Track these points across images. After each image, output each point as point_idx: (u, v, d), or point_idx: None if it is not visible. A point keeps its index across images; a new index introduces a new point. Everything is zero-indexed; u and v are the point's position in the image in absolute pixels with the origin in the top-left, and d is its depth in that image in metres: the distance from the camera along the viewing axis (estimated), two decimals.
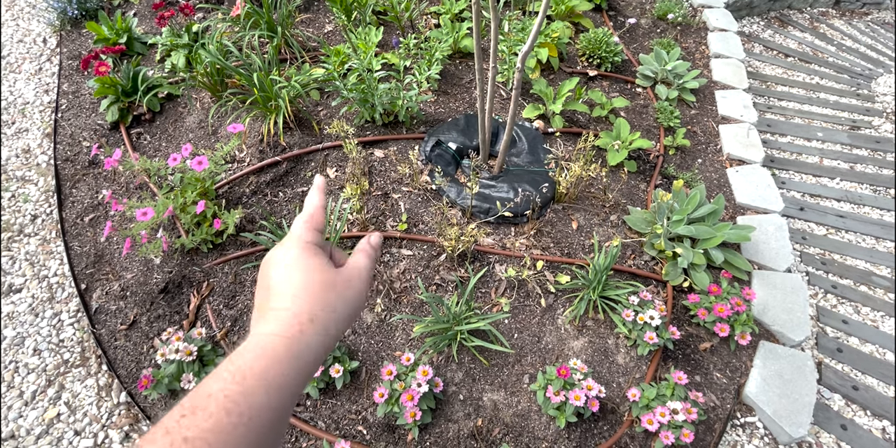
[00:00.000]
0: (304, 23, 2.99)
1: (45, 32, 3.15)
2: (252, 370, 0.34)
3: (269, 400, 0.34)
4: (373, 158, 2.32)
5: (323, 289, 0.42)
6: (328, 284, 0.43)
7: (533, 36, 1.64)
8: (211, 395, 0.33)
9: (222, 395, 0.33)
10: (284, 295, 0.41)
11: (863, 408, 1.90)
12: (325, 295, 0.42)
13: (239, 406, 0.33)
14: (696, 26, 3.46)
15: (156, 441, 0.31)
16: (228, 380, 0.34)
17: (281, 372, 0.35)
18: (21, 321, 1.94)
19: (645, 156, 2.53)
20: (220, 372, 0.34)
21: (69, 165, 2.41)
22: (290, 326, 0.38)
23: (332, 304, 0.42)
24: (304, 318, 0.39)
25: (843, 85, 3.40)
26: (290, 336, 0.38)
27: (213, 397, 0.33)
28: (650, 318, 1.77)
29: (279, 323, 0.38)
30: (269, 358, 0.35)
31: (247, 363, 0.35)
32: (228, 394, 0.33)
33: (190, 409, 0.32)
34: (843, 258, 2.40)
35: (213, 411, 0.32)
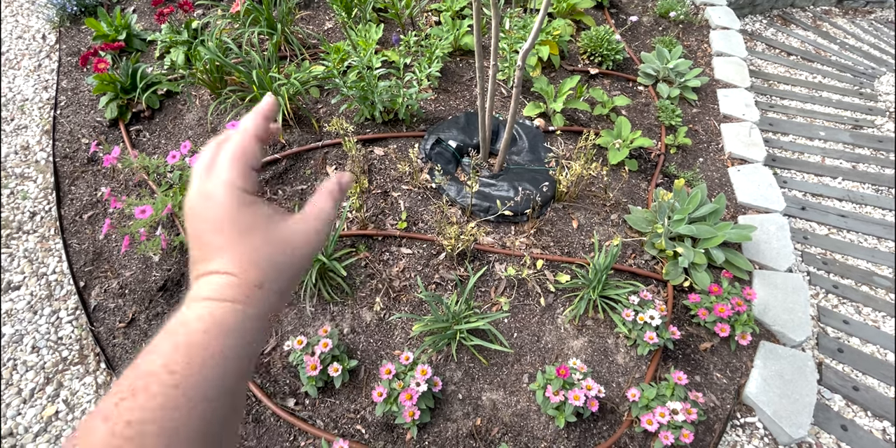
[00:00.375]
0: (303, 20, 2.97)
1: (45, 29, 3.14)
2: (197, 341, 0.31)
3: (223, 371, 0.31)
4: (372, 156, 2.31)
5: (273, 249, 0.36)
6: (279, 242, 0.36)
7: (534, 33, 1.63)
8: (152, 374, 0.29)
9: (167, 372, 0.29)
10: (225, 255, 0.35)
11: (863, 408, 1.89)
12: (275, 255, 0.36)
13: (188, 381, 0.29)
14: (699, 24, 3.44)
15: (95, 428, 0.27)
16: (171, 354, 0.30)
17: (230, 341, 0.32)
18: (20, 319, 1.94)
19: (646, 154, 2.52)
20: (159, 345, 0.31)
21: (68, 162, 2.40)
22: (236, 294, 0.33)
23: (283, 264, 0.36)
24: (252, 284, 0.34)
25: (846, 84, 3.38)
26: (236, 301, 0.33)
27: (154, 375, 0.29)
28: (650, 318, 1.77)
29: (223, 288, 0.34)
30: (215, 326, 0.32)
31: (190, 333, 0.31)
32: (175, 369, 0.29)
33: (130, 391, 0.28)
34: (845, 258, 2.39)
35: (158, 391, 0.28)
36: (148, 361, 0.30)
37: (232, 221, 0.36)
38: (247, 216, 0.36)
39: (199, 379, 0.30)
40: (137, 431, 0.27)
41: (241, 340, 0.32)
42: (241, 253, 0.35)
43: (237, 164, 0.37)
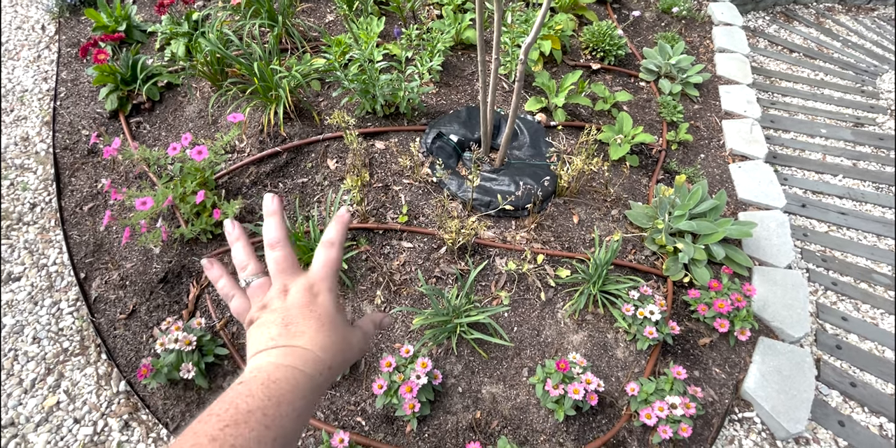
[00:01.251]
0: (305, 12, 2.96)
1: (44, 19, 3.12)
2: (285, 398, 0.39)
3: (295, 424, 0.39)
4: (373, 150, 2.31)
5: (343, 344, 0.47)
6: (346, 341, 0.48)
7: (536, 28, 1.63)
8: (251, 412, 0.36)
9: (261, 414, 0.37)
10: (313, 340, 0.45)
11: (861, 404, 1.90)
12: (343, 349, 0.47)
13: (275, 424, 0.37)
14: (701, 20, 3.43)
15: (203, 445, 0.33)
16: (265, 401, 0.38)
17: (302, 405, 0.40)
18: (20, 309, 1.94)
19: (647, 150, 2.52)
20: (256, 393, 0.38)
21: (68, 154, 2.39)
22: (316, 369, 0.43)
23: (345, 357, 0.47)
24: (326, 364, 0.44)
25: (848, 81, 3.37)
26: (314, 376, 0.43)
27: (252, 414, 0.36)
28: (650, 313, 1.77)
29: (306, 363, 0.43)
30: (298, 391, 0.40)
31: (281, 391, 0.39)
32: (267, 414, 0.37)
33: (233, 422, 0.35)
34: (844, 255, 2.39)
35: (255, 426, 0.36)
36: (247, 403, 0.37)
37: (327, 318, 0.47)
38: (336, 317, 0.48)
39: (281, 426, 0.37)
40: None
41: (307, 406, 0.41)
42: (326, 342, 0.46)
43: (330, 269, 0.50)
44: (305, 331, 0.45)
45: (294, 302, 0.47)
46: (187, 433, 0.35)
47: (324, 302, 0.48)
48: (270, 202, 0.52)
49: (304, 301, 0.47)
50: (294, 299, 0.47)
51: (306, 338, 0.44)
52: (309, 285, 0.48)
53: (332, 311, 0.47)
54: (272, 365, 0.41)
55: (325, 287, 0.49)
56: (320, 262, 0.50)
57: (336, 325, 0.47)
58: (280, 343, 0.44)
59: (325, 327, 0.46)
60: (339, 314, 0.48)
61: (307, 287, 0.48)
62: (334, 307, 0.48)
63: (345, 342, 0.47)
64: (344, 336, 0.47)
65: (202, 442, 0.33)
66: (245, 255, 0.52)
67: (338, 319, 0.48)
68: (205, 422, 0.35)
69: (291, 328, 0.45)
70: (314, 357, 0.43)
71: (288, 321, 0.45)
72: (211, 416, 0.36)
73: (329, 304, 0.48)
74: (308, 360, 0.43)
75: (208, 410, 0.37)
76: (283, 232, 0.52)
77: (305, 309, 0.47)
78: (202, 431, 0.34)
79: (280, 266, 0.50)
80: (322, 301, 0.48)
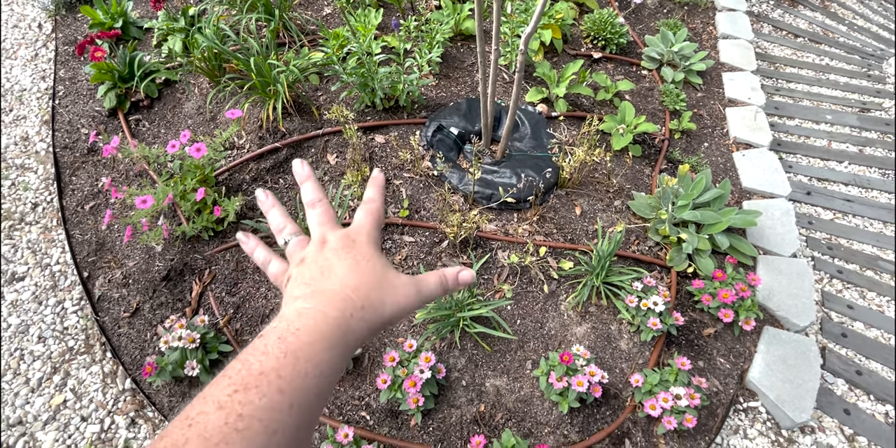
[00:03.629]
0: (302, 5, 2.93)
1: (41, 17, 3.10)
2: (304, 352, 0.34)
3: (318, 384, 0.34)
4: (373, 144, 2.30)
5: (380, 284, 0.42)
6: (387, 282, 0.43)
7: (536, 17, 1.60)
8: (263, 374, 0.32)
9: (276, 376, 0.33)
10: (343, 280, 0.41)
11: (866, 392, 1.90)
12: (380, 290, 0.42)
13: (292, 387, 0.33)
14: (704, 6, 3.37)
15: (209, 413, 0.30)
16: (281, 359, 0.33)
17: (329, 357, 0.35)
18: (25, 309, 1.95)
19: (650, 140, 2.49)
20: (271, 348, 0.34)
21: (68, 153, 2.39)
22: (344, 308, 0.39)
23: (383, 300, 0.42)
24: (357, 304, 0.40)
25: (854, 66, 3.32)
26: (342, 317, 0.38)
27: (265, 376, 0.32)
28: (654, 304, 1.76)
29: (333, 301, 0.39)
30: (322, 340, 0.36)
31: (300, 343, 0.35)
32: (283, 375, 0.33)
33: (242, 386, 0.32)
34: (850, 243, 2.37)
35: (267, 391, 0.32)
36: (260, 362, 0.33)
37: (363, 258, 0.44)
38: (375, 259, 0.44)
39: (301, 388, 0.33)
40: (247, 425, 0.30)
41: (334, 360, 0.36)
42: (359, 281, 0.42)
43: (373, 218, 0.49)
44: (338, 272, 0.42)
45: (331, 247, 0.45)
46: (198, 398, 0.32)
47: (363, 244, 0.45)
48: (301, 168, 0.52)
49: (342, 245, 0.45)
50: (332, 246, 0.45)
51: (337, 279, 0.41)
52: (348, 233, 0.47)
53: (370, 253, 0.44)
54: (295, 312, 0.38)
55: (365, 233, 0.47)
56: (361, 214, 0.49)
57: (374, 266, 0.43)
58: (311, 289, 0.41)
59: (359, 266, 0.43)
60: (380, 256, 0.45)
61: (346, 235, 0.46)
62: (374, 251, 0.45)
63: (385, 284, 0.43)
64: (385, 278, 0.43)
65: (208, 410, 0.31)
66: (282, 217, 0.51)
67: (377, 261, 0.44)
68: (216, 384, 0.32)
69: (326, 272, 0.42)
70: (343, 296, 0.40)
71: (323, 267, 0.43)
72: (223, 379, 0.33)
73: (368, 247, 0.45)
74: (335, 299, 0.39)
75: (224, 371, 0.34)
76: (321, 192, 0.51)
77: (342, 251, 0.44)
78: (211, 395, 0.32)
79: (321, 218, 0.49)
80: (361, 243, 0.45)
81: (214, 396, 0.31)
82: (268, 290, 1.92)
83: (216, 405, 0.31)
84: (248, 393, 0.31)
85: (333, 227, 0.48)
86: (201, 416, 0.30)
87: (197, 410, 0.31)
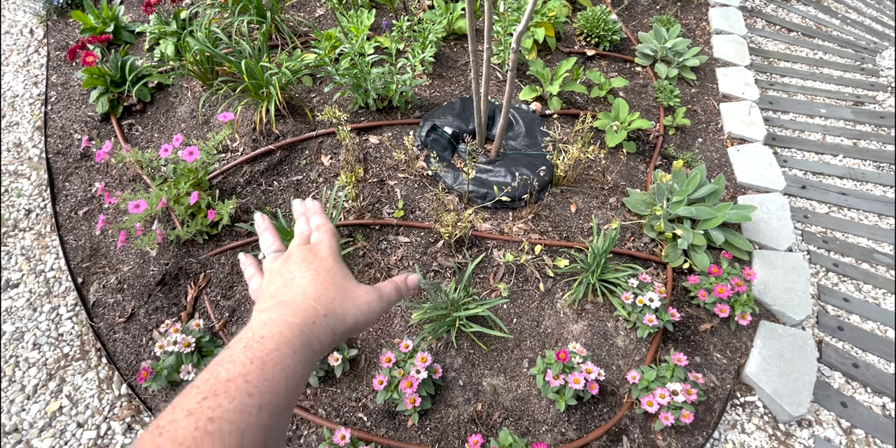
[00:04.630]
0: (294, 7, 2.92)
1: (32, 23, 3.10)
2: (270, 357, 0.36)
3: (286, 387, 0.36)
4: (367, 145, 2.29)
5: (341, 293, 0.45)
6: (347, 292, 0.46)
7: (527, 15, 1.60)
8: (230, 380, 0.34)
9: (243, 380, 0.34)
10: (305, 290, 0.44)
11: (863, 385, 1.90)
12: (341, 299, 0.45)
13: (259, 390, 0.34)
14: (697, 2, 3.37)
15: (178, 420, 0.31)
16: (248, 365, 0.35)
17: (294, 361, 0.37)
18: (20, 316, 1.94)
19: (644, 136, 2.49)
20: (237, 357, 0.36)
21: (61, 158, 2.38)
22: (306, 316, 0.41)
23: (344, 308, 0.44)
24: (319, 312, 0.42)
25: (847, 59, 3.32)
26: (305, 325, 0.40)
27: (232, 382, 0.34)
28: (649, 301, 1.76)
29: (295, 311, 0.41)
30: (286, 346, 0.37)
31: (265, 350, 0.36)
32: (250, 379, 0.34)
33: (211, 392, 0.33)
34: (845, 236, 2.37)
35: (235, 395, 0.33)
36: (227, 370, 0.35)
37: (323, 268, 0.46)
38: (335, 269, 0.47)
39: (268, 390, 0.34)
40: (217, 428, 0.31)
41: (300, 364, 0.38)
42: (320, 290, 0.44)
43: (329, 232, 0.52)
44: (300, 282, 0.45)
45: (294, 260, 0.48)
46: (167, 409, 0.33)
47: (322, 254, 0.48)
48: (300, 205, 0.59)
49: (304, 257, 0.48)
50: (295, 258, 0.48)
51: (300, 289, 0.44)
52: (309, 247, 0.50)
53: (330, 264, 0.47)
54: (260, 322, 0.40)
55: (325, 245, 0.50)
56: (317, 234, 0.53)
57: (334, 276, 0.46)
58: (275, 301, 0.43)
59: (320, 277, 0.45)
60: (340, 267, 0.48)
61: (308, 248, 0.50)
62: (335, 262, 0.48)
63: (346, 294, 0.45)
64: (345, 287, 0.46)
65: (177, 417, 0.32)
66: (271, 238, 0.56)
67: (337, 271, 0.47)
68: (185, 395, 0.34)
69: (289, 284, 0.45)
70: (305, 306, 0.42)
71: (286, 279, 0.46)
72: (192, 389, 0.34)
73: (327, 256, 0.48)
74: (298, 308, 0.41)
75: (192, 382, 0.35)
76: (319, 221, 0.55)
77: (303, 263, 0.47)
78: (180, 405, 0.33)
79: (297, 240, 0.53)
80: (321, 254, 0.49)
81: (184, 405, 0.33)
82: None
83: (186, 412, 0.32)
84: (217, 398, 0.33)
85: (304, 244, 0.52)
86: (171, 425, 0.31)
87: (167, 419, 0.32)
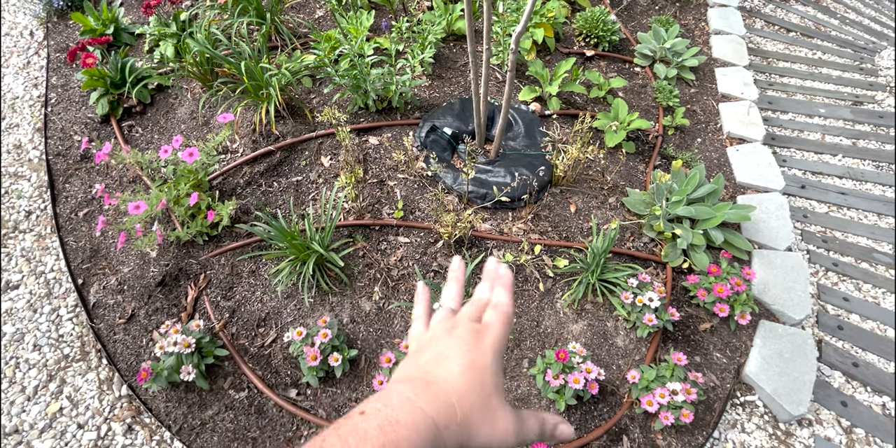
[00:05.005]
0: (293, 8, 2.93)
1: (32, 25, 3.10)
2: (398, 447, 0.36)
3: None
4: (367, 146, 2.30)
5: (483, 403, 0.41)
6: (489, 407, 0.42)
7: (526, 16, 1.60)
8: None
9: None
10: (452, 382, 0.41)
11: (863, 384, 1.90)
12: (480, 411, 0.41)
13: None
14: (696, 2, 3.38)
15: None
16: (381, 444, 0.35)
17: None
18: (20, 317, 1.94)
19: (643, 136, 2.49)
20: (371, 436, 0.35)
21: (61, 160, 2.39)
22: (444, 416, 0.39)
23: (480, 425, 0.41)
24: (456, 417, 0.39)
25: (846, 59, 3.32)
26: (439, 426, 0.38)
27: None
28: (649, 300, 1.76)
29: (434, 404, 0.39)
30: (416, 439, 0.36)
31: (398, 438, 0.36)
32: None
33: None
34: (845, 235, 2.37)
35: None
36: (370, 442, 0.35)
37: (481, 366, 0.43)
38: (489, 374, 0.43)
39: None
40: None
41: None
42: (465, 391, 0.41)
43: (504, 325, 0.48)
44: (451, 368, 0.42)
45: (458, 335, 0.46)
46: None
47: (485, 344, 0.45)
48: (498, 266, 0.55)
49: (468, 338, 0.45)
50: (459, 333, 0.46)
51: (447, 376, 0.41)
52: (477, 327, 0.47)
53: (488, 359, 0.44)
54: (399, 402, 0.38)
55: (493, 330, 0.46)
56: (493, 316, 0.48)
57: (485, 378, 0.42)
58: (421, 377, 0.42)
59: (471, 372, 0.42)
60: (496, 368, 0.44)
61: (477, 330, 0.46)
62: (493, 356, 0.44)
63: (488, 409, 0.41)
64: (490, 401, 0.42)
65: None
66: (454, 292, 0.54)
67: (491, 372, 0.43)
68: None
69: (440, 362, 0.43)
70: (447, 402, 0.40)
71: (440, 354, 0.44)
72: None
73: (489, 349, 0.44)
74: (438, 401, 0.39)
75: (322, 441, 0.35)
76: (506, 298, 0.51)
77: (462, 344, 0.44)
78: None
79: (475, 308, 0.50)
80: (484, 343, 0.45)
81: None
82: (263, 294, 1.92)
83: None
84: None
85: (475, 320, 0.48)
86: None
87: None
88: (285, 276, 1.87)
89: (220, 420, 1.68)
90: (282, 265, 1.88)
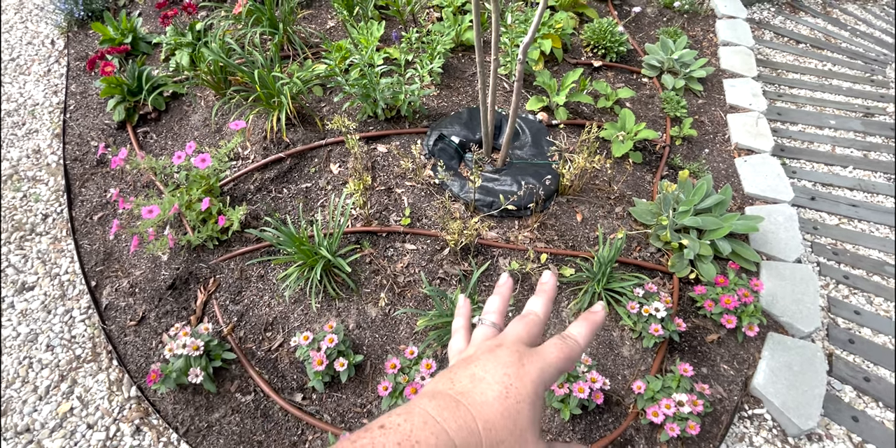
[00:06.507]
0: (306, 19, 2.99)
1: (53, 34, 3.19)
2: None
3: None
4: (376, 153, 2.33)
5: (515, 441, 0.39)
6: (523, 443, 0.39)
7: (534, 27, 1.63)
8: None
9: None
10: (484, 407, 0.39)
11: (874, 399, 1.87)
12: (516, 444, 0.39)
13: None
14: (704, 14, 3.40)
15: None
16: None
17: None
18: (34, 318, 1.98)
19: (651, 147, 2.50)
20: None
21: (78, 165, 2.44)
22: (466, 443, 0.37)
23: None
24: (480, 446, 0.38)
25: (857, 71, 3.31)
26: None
27: None
28: (655, 311, 1.76)
29: (460, 430, 0.37)
30: None
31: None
32: None
33: None
34: (856, 248, 2.35)
35: None
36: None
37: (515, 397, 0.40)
38: (528, 403, 0.40)
39: None
40: None
41: None
42: (494, 421, 0.38)
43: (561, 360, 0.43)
44: (485, 392, 0.39)
45: (499, 357, 0.42)
46: None
47: (529, 372, 0.41)
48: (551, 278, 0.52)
49: (510, 361, 0.42)
50: (501, 356, 0.42)
51: (479, 400, 0.39)
52: (525, 354, 0.43)
53: (528, 391, 0.40)
54: (423, 419, 0.37)
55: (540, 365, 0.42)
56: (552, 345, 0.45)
57: (521, 410, 0.39)
58: (452, 395, 0.39)
59: (506, 401, 0.39)
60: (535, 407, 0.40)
61: (521, 354, 0.43)
62: (535, 388, 0.40)
63: (518, 444, 0.38)
64: (522, 437, 0.39)
65: None
66: (497, 305, 0.51)
67: (529, 406, 0.39)
68: None
69: (476, 383, 0.40)
70: (473, 429, 0.37)
71: (475, 376, 0.41)
72: None
73: (532, 380, 0.41)
74: (464, 427, 0.37)
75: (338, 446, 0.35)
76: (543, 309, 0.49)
77: (502, 369, 0.41)
78: None
79: (522, 328, 0.47)
80: (528, 370, 0.41)
81: None
82: (271, 299, 1.94)
83: None
84: None
85: (524, 341, 0.45)
86: None
87: None
88: (293, 280, 1.90)
89: (226, 423, 1.69)
90: (290, 270, 1.90)
